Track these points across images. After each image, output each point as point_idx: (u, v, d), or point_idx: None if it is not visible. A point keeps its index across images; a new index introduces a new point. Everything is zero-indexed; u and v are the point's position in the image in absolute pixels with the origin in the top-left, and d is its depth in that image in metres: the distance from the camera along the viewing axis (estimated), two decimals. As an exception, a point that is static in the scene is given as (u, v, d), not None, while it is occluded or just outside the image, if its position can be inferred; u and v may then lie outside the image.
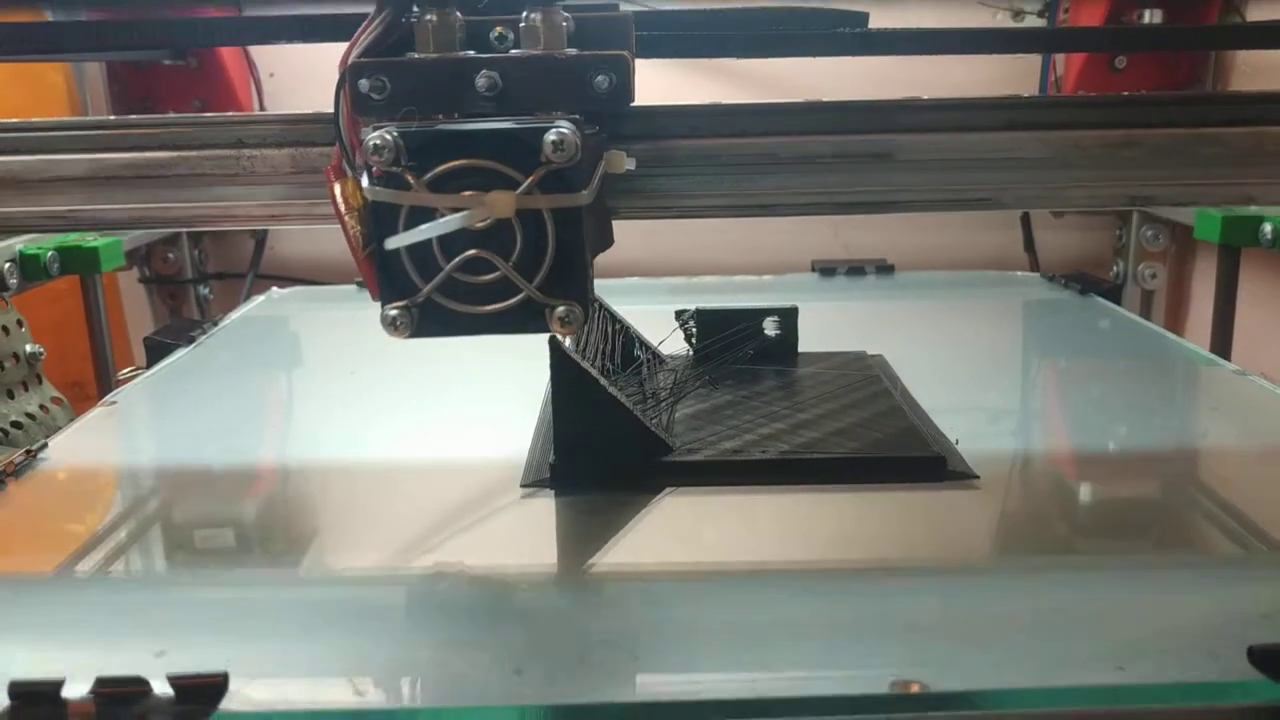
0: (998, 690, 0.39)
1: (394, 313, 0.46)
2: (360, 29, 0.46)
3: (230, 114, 0.60)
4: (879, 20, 0.59)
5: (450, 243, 0.45)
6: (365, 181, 0.44)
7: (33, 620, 0.47)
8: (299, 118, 0.54)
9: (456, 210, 0.44)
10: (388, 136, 0.43)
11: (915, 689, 0.38)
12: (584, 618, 0.45)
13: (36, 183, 0.55)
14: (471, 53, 0.47)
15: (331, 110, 0.47)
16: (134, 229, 0.88)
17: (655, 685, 0.41)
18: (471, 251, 0.45)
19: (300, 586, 0.51)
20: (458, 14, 0.47)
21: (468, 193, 0.44)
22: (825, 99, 0.56)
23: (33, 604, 0.49)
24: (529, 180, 0.44)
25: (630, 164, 0.49)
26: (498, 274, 0.45)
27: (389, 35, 0.46)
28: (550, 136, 0.43)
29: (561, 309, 0.46)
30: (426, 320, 0.46)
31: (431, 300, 0.46)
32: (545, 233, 0.45)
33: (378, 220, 0.45)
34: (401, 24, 0.46)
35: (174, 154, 0.54)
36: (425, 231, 0.44)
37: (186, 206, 0.55)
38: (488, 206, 0.44)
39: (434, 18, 0.46)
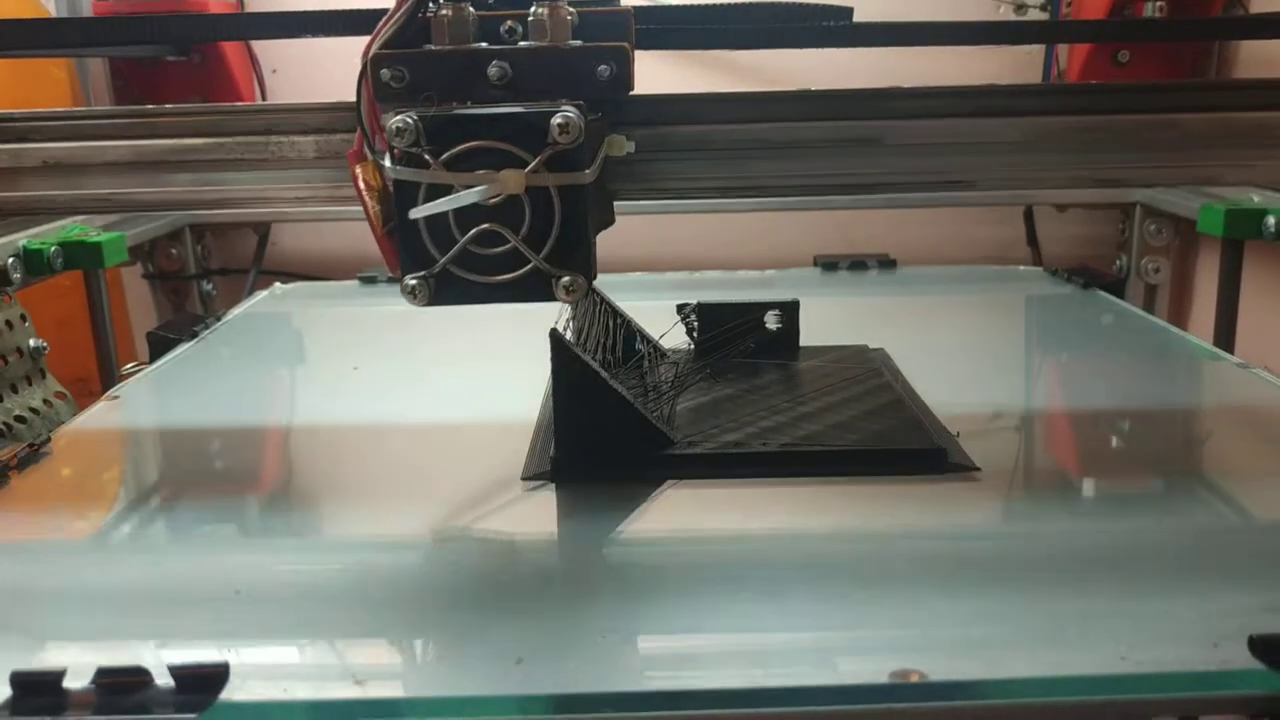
0: (999, 680, 0.39)
1: (413, 282, 0.50)
2: (381, 23, 0.50)
3: (260, 103, 0.64)
4: (885, 13, 0.60)
5: (465, 218, 0.49)
6: (387, 162, 0.48)
7: (35, 612, 0.47)
8: (324, 106, 0.58)
9: (470, 187, 0.48)
10: (409, 120, 0.47)
11: (915, 678, 0.38)
12: (585, 608, 0.45)
13: (83, 168, 0.60)
14: (484, 45, 0.51)
15: (352, 99, 0.51)
16: (171, 211, 0.92)
17: (656, 675, 0.41)
18: (485, 225, 0.49)
19: (302, 578, 0.51)
20: (471, 9, 0.51)
21: (481, 171, 0.48)
22: (815, 88, 0.59)
23: (35, 597, 0.49)
24: (537, 160, 0.48)
25: (630, 147, 0.53)
26: (508, 246, 0.50)
27: (408, 28, 0.50)
28: (556, 120, 0.47)
29: (566, 279, 0.50)
30: (443, 289, 0.50)
31: (448, 271, 0.50)
32: (552, 209, 0.49)
33: (400, 197, 0.49)
34: (419, 18, 0.50)
35: (209, 140, 0.59)
36: (446, 203, 0.48)
37: (220, 189, 0.59)
38: (500, 183, 0.48)
39: (449, 12, 0.50)
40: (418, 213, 0.48)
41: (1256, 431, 0.68)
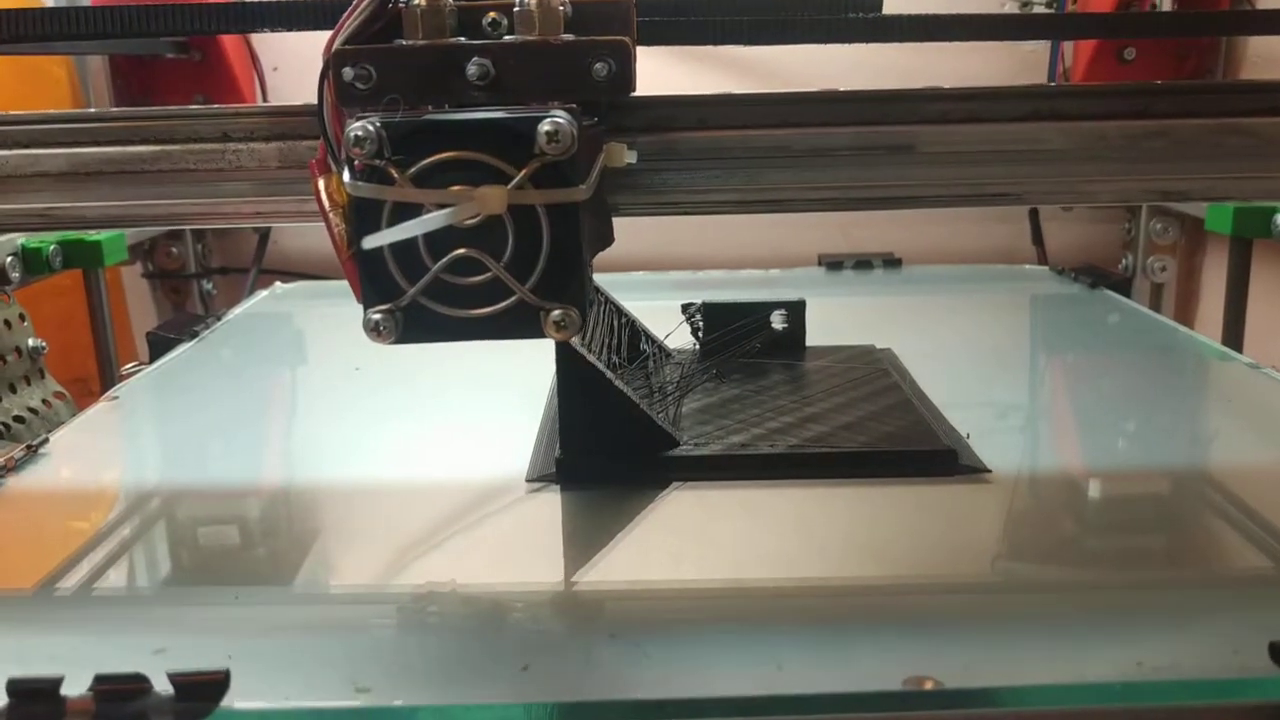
0: (1014, 687, 0.38)
1: (377, 317, 0.43)
2: (345, 14, 0.43)
3: (215, 106, 0.57)
4: (888, 8, 0.59)
5: (438, 242, 0.42)
6: (347, 176, 0.41)
7: (32, 617, 0.47)
8: (286, 110, 0.51)
9: (443, 206, 0.41)
10: (370, 127, 0.40)
11: (929, 685, 0.38)
12: (591, 613, 0.44)
13: (13, 179, 0.52)
14: (463, 39, 0.44)
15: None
16: (115, 228, 0.87)
17: (665, 682, 0.40)
18: (460, 251, 0.42)
19: (304, 581, 0.50)
20: None
21: (456, 188, 0.41)
22: (841, 88, 0.53)
23: (32, 601, 0.48)
24: (522, 174, 0.41)
25: (631, 157, 0.47)
26: (488, 275, 0.42)
27: (375, 21, 0.43)
28: (545, 127, 0.40)
29: (557, 313, 0.43)
30: (412, 325, 0.43)
31: (417, 304, 0.43)
32: (539, 231, 0.42)
33: (360, 217, 0.42)
34: (388, 9, 0.43)
35: (157, 148, 0.52)
36: (407, 229, 0.40)
37: (170, 204, 0.52)
38: (477, 202, 0.41)
39: (423, 2, 0.43)
40: (373, 241, 0.41)
41: (1271, 432, 0.67)
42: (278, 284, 1.12)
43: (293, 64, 1.39)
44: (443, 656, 0.43)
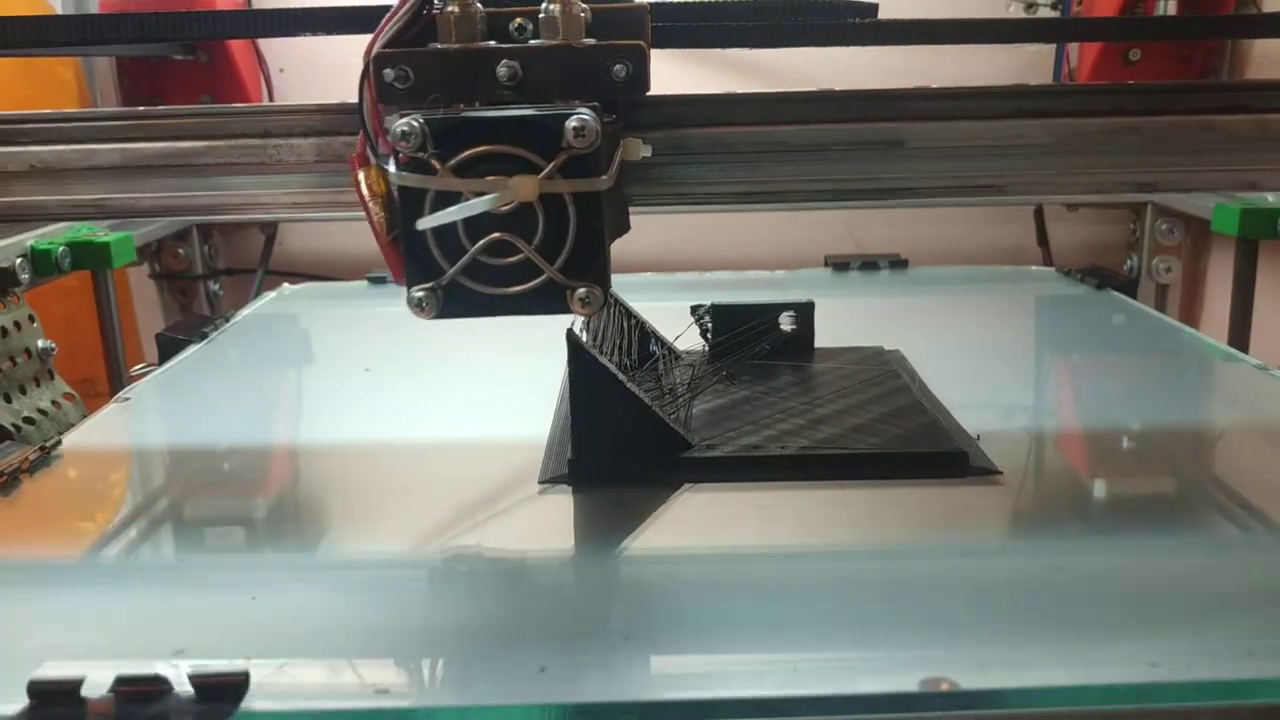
0: (1029, 688, 0.38)
1: (420, 294, 0.47)
2: (384, 20, 0.47)
3: (258, 104, 0.61)
4: (893, 12, 0.59)
5: (474, 226, 0.46)
6: (392, 167, 0.46)
7: (50, 618, 0.47)
8: (324, 108, 0.55)
9: (481, 195, 0.45)
10: (414, 123, 0.45)
11: (946, 687, 0.38)
12: (606, 615, 0.45)
13: (71, 172, 0.57)
14: (492, 43, 0.48)
15: (355, 100, 0.48)
16: (164, 216, 0.91)
17: (680, 683, 0.40)
18: (495, 234, 0.47)
19: (317, 581, 0.50)
20: (479, 5, 0.48)
21: (492, 178, 0.45)
22: (837, 88, 0.57)
23: (50, 602, 0.48)
24: (551, 165, 0.45)
25: (646, 151, 0.51)
26: (520, 256, 0.47)
27: (412, 26, 0.47)
28: (572, 123, 0.45)
29: (582, 290, 0.47)
30: (451, 301, 0.48)
31: (456, 282, 0.47)
32: (566, 216, 0.46)
33: (405, 205, 0.46)
34: (424, 15, 0.48)
35: (204, 144, 0.56)
36: (455, 213, 0.45)
37: (215, 195, 0.57)
38: (512, 190, 0.45)
39: (455, 9, 0.47)
40: (425, 223, 0.46)
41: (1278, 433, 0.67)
42: (285, 285, 1.12)
43: (298, 66, 1.39)
44: (458, 659, 0.43)
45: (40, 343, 0.86)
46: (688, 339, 0.74)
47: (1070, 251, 1.38)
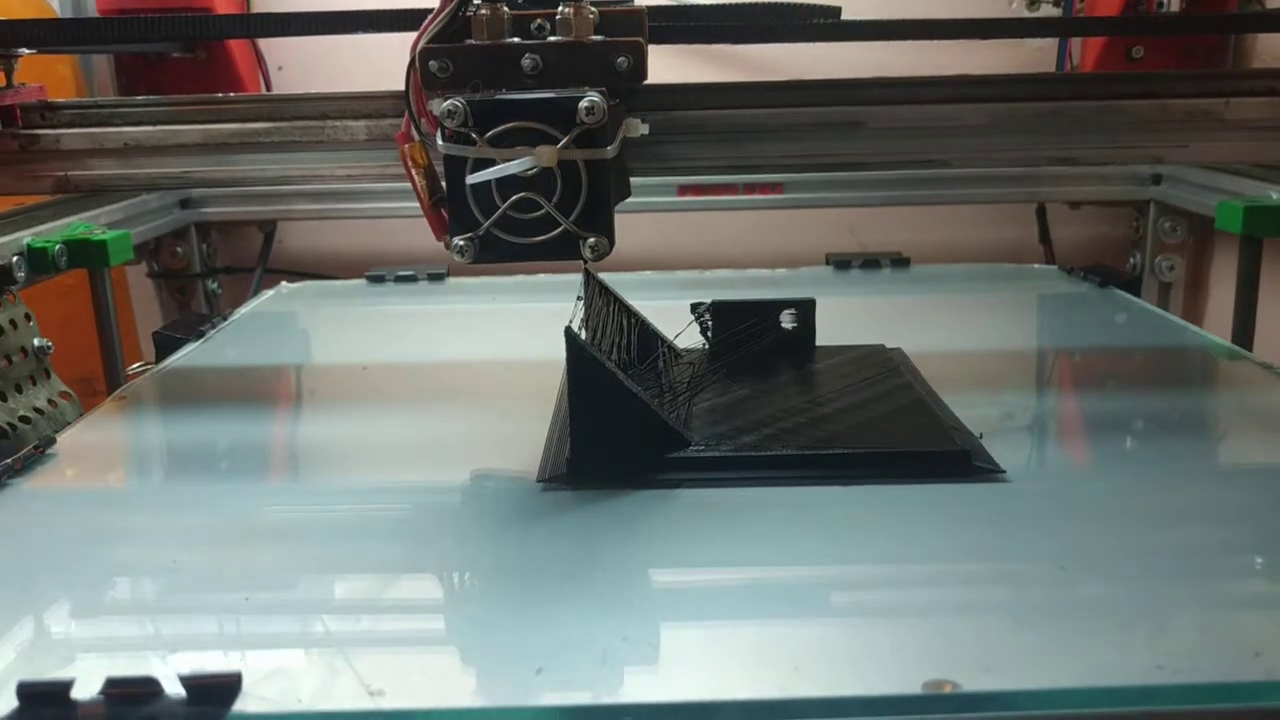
0: (1033, 690, 0.38)
1: (461, 242, 0.57)
2: (427, 20, 0.57)
3: (316, 91, 0.73)
4: (900, 7, 0.61)
5: (505, 187, 0.56)
6: (439, 139, 0.56)
7: (41, 619, 0.46)
8: (372, 95, 0.68)
9: (512, 160, 0.56)
10: (458, 104, 0.55)
11: (949, 689, 0.37)
12: (605, 616, 0.44)
13: (159, 149, 0.70)
14: (517, 39, 0.59)
15: (400, 88, 0.59)
16: (236, 186, 1.05)
17: (679, 685, 0.39)
18: (522, 194, 0.56)
19: (314, 583, 0.50)
20: (505, 8, 0.58)
21: (520, 147, 0.55)
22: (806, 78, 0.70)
23: (41, 603, 0.48)
24: (567, 138, 0.55)
25: (644, 129, 0.61)
26: (541, 212, 0.57)
27: (451, 25, 0.57)
28: (584, 104, 0.55)
29: (592, 240, 0.57)
30: (486, 249, 0.57)
31: (490, 232, 0.57)
32: (579, 180, 0.56)
33: (449, 170, 0.56)
34: (460, 16, 0.58)
35: (269, 124, 0.69)
36: (495, 172, 0.55)
37: (280, 168, 0.70)
38: (536, 157, 0.55)
39: (487, 11, 0.58)
40: (473, 179, 0.56)
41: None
42: (284, 284, 1.11)
43: (296, 64, 1.39)
44: (455, 661, 0.42)
45: (36, 341, 0.85)
46: (688, 337, 0.74)
47: (1073, 250, 1.37)
